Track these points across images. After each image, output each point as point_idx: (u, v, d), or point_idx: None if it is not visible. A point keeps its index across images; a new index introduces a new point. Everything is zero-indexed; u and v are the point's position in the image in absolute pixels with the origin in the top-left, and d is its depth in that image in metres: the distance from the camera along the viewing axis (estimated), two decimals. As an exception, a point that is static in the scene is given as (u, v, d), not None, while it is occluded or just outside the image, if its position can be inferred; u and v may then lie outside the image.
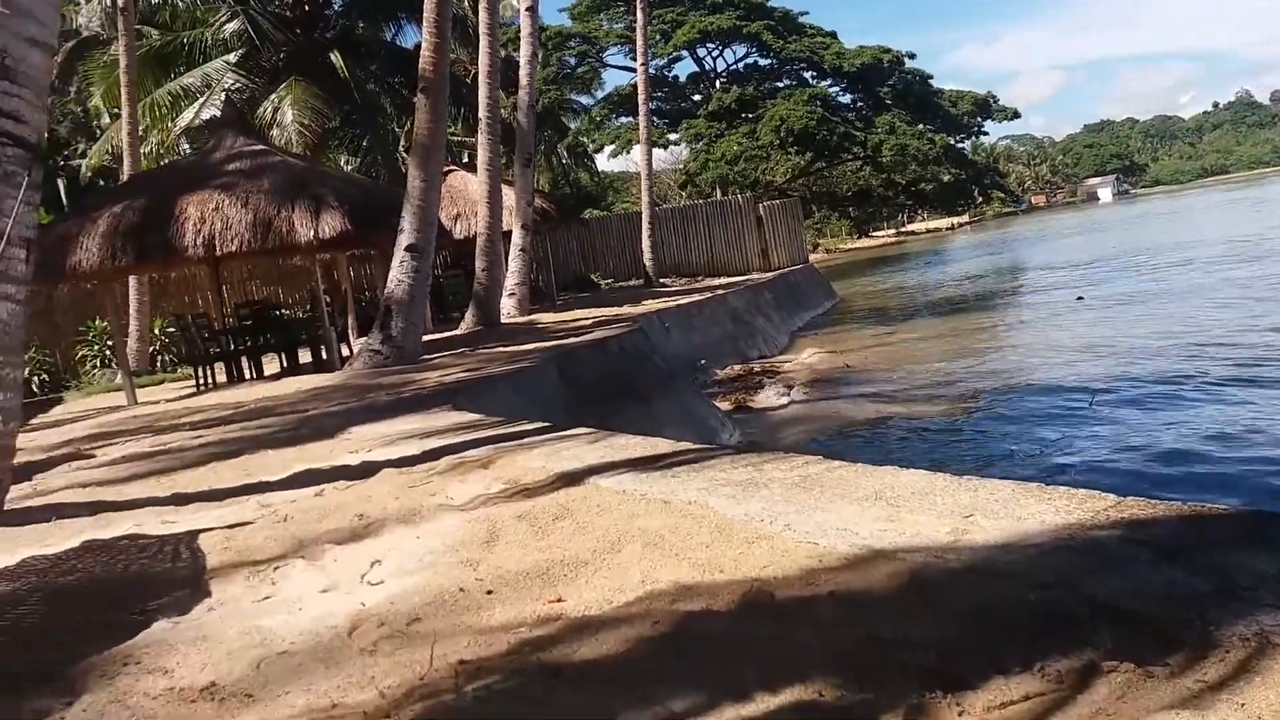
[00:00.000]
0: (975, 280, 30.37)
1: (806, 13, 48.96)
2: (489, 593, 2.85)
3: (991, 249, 49.66)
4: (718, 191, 41.64)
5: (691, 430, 9.29)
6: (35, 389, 15.59)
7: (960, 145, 52.96)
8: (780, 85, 48.04)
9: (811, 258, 30.88)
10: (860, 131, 44.88)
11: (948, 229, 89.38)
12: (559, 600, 2.74)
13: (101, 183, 24.56)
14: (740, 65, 49.56)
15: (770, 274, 24.83)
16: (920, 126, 46.62)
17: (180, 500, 4.78)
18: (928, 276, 35.35)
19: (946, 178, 50.77)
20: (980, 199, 65.30)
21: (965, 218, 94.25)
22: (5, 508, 4.86)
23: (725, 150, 42.86)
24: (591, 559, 3.03)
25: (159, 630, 2.81)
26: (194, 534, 3.97)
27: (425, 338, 12.12)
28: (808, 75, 48.27)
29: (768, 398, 12.01)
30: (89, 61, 24.88)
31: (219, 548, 3.74)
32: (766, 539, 3.00)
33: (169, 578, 3.42)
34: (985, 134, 58.10)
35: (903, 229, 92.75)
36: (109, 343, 16.66)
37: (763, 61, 48.96)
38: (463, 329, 15.41)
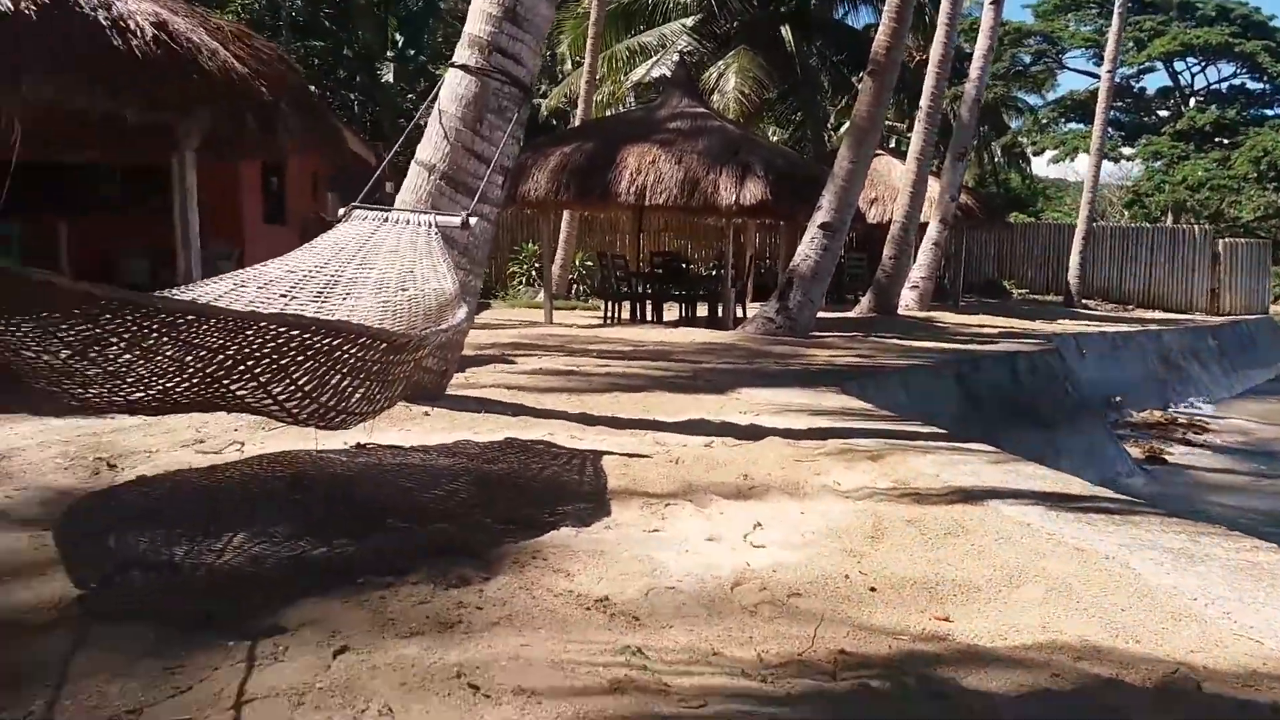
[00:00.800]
0: None
1: (1314, 35, 41.70)
2: (872, 589, 2.76)
3: None
4: (1168, 218, 37.18)
5: (1093, 471, 8.43)
6: (475, 294, 17.80)
7: None
8: (1269, 113, 41.48)
9: (1274, 308, 26.59)
10: (1357, 177, 37.63)
11: None
12: (947, 619, 2.58)
13: (555, 123, 27.18)
14: (1223, 85, 43.37)
15: (1218, 319, 21.81)
16: None
17: (587, 420, 5.18)
18: None
19: None
20: None
21: None
22: (447, 392, 5.58)
23: (1188, 174, 37.97)
24: (985, 587, 2.82)
25: (564, 535, 3.05)
26: (598, 454, 4.28)
27: (819, 315, 12.12)
28: (1306, 105, 41.19)
29: (1190, 455, 10.57)
30: (563, 11, 27.47)
31: (617, 472, 3.99)
32: (1198, 621, 2.60)
33: (575, 489, 3.72)
34: None
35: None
36: (537, 265, 18.60)
37: (1252, 85, 42.39)
38: (857, 312, 15.23)
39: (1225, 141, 39.50)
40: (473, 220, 4.91)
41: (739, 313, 13.27)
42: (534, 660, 2.09)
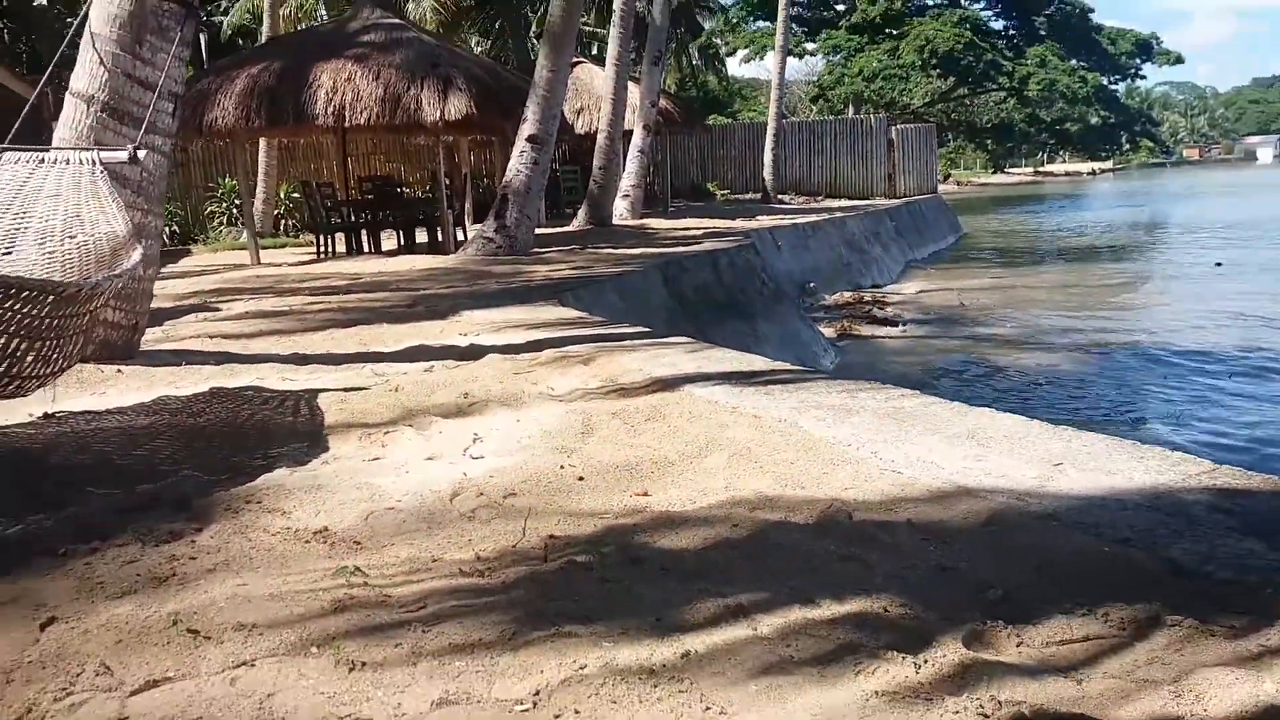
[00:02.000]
0: (1110, 231, 29.00)
1: (967, -71, 46.11)
2: (580, 479, 3.01)
3: (1133, 200, 47.11)
4: (850, 109, 40.33)
5: (791, 352, 9.30)
6: (166, 240, 16.41)
7: (1114, 87, 49.64)
8: (930, 3, 45.69)
9: (941, 188, 29.81)
10: (1009, 61, 42.57)
11: (1088, 173, 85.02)
12: (645, 494, 2.88)
13: (240, 42, 25.19)
14: (890, -25, 47.08)
15: (895, 201, 24.18)
16: (1073, 63, 43.90)
17: (299, 360, 5.08)
18: (1060, 221, 33.87)
19: (1094, 120, 47.91)
20: (1128, 146, 61.52)
21: (1109, 164, 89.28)
22: (141, 349, 5.25)
23: (863, 66, 41.23)
24: (679, 461, 3.15)
25: (279, 476, 3.06)
26: (313, 393, 4.25)
27: (537, 231, 12.30)
28: (961, -7, 45.74)
29: (874, 328, 11.87)
30: (244, -84, 25.25)
31: (334, 408, 3.99)
32: (851, 463, 3.07)
33: (289, 430, 3.69)
34: (1143, 77, 54.01)
35: (1041, 168, 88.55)
36: (237, 202, 17.39)
37: (915, -24, 46.42)
38: (574, 226, 15.56)
39: (895, 33, 43.07)
40: (141, 154, 4.56)
41: (459, 235, 13.19)
42: (252, 597, 2.15)
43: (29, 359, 2.96)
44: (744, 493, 2.82)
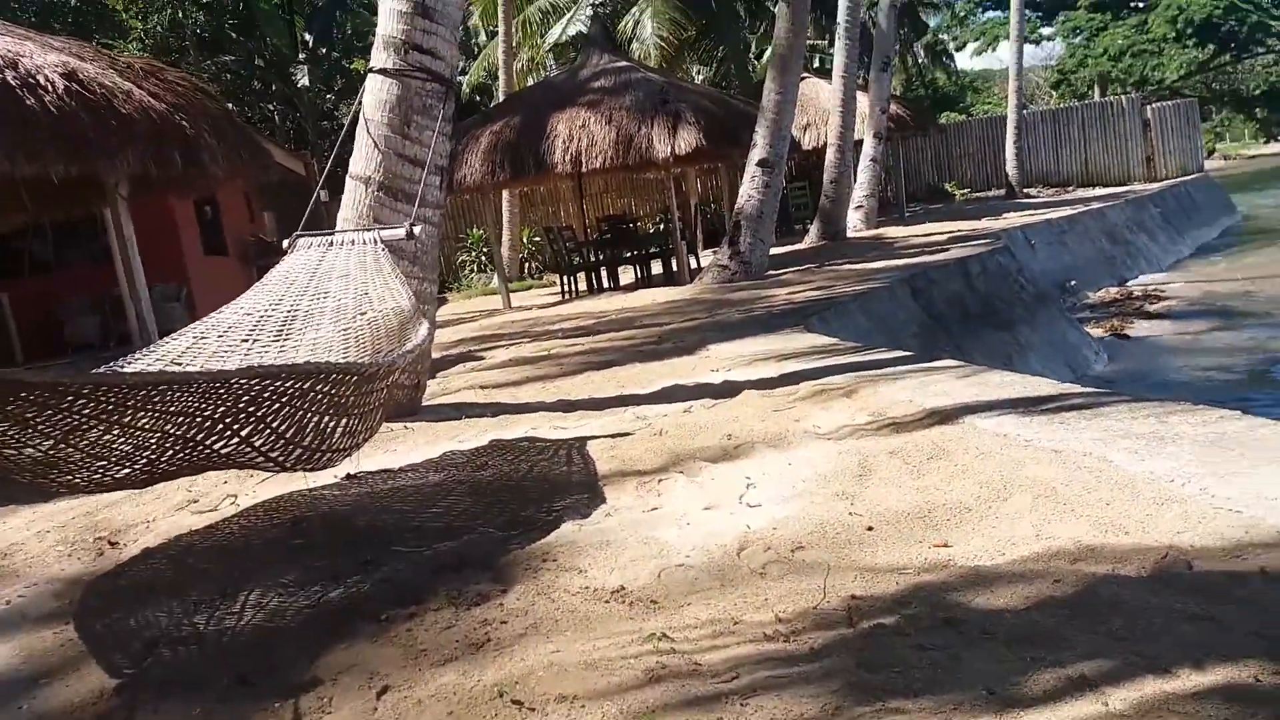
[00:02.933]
0: None
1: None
2: (869, 529, 2.87)
3: None
4: (1095, 92, 37.50)
5: (1060, 359, 8.66)
6: (427, 290, 17.70)
7: None
8: (1181, -30, 41.82)
9: (1207, 165, 27.02)
10: (1276, 20, 38.15)
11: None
12: (945, 545, 2.70)
13: (478, 99, 26.85)
14: (1134, -52, 43.55)
15: (1156, 185, 22.16)
16: (1356, 14, 38.77)
17: (566, 407, 5.24)
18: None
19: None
20: None
21: None
22: (423, 404, 5.61)
23: (1108, 45, 38.26)
24: (975, 505, 2.94)
25: (568, 531, 3.13)
26: (582, 440, 4.35)
27: (771, 251, 12.21)
28: (1217, -42, 41.55)
29: (1148, 324, 10.84)
30: (471, -18, 26.97)
31: (605, 455, 4.06)
32: (1178, 502, 2.74)
33: (567, 480, 3.79)
34: None
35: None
36: (484, 250, 18.51)
37: (1162, -56, 42.68)
38: (807, 243, 15.34)
39: (1141, 5, 39.78)
40: (417, 229, 4.90)
41: (693, 264, 13.33)
42: (568, 665, 2.17)
43: (338, 434, 3.20)
44: (1059, 541, 2.58)
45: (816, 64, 24.18)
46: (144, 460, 3.03)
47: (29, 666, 2.53)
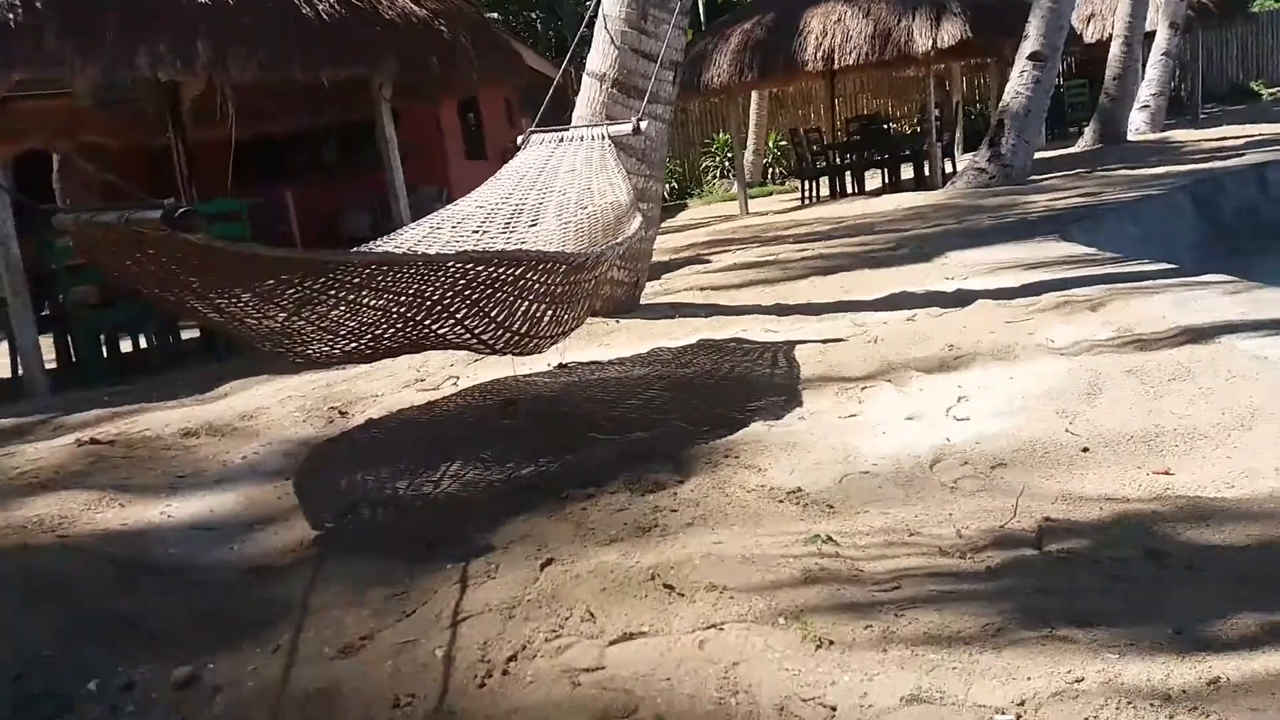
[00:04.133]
0: None
1: None
2: (1084, 450, 2.61)
3: None
4: None
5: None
6: (666, 195, 17.85)
7: None
8: None
9: None
10: None
11: None
12: (1167, 472, 2.41)
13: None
14: None
15: None
16: None
17: (781, 310, 5.12)
18: None
19: None
20: None
21: None
22: (642, 302, 5.68)
23: None
24: (1212, 432, 2.60)
25: (756, 430, 3.08)
26: (791, 344, 4.24)
27: (1037, 155, 11.22)
28: None
29: None
30: None
31: (813, 360, 3.94)
32: None
33: (768, 382, 3.72)
34: None
35: None
36: (729, 155, 18.31)
37: None
38: (1081, 146, 14.00)
39: None
40: (644, 124, 4.87)
41: (949, 168, 12.53)
42: (726, 556, 2.15)
43: (545, 320, 3.30)
44: (1308, 479, 2.23)
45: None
46: (369, 336, 3.27)
47: (248, 514, 2.83)
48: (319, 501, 2.83)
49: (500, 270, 3.09)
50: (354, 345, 3.32)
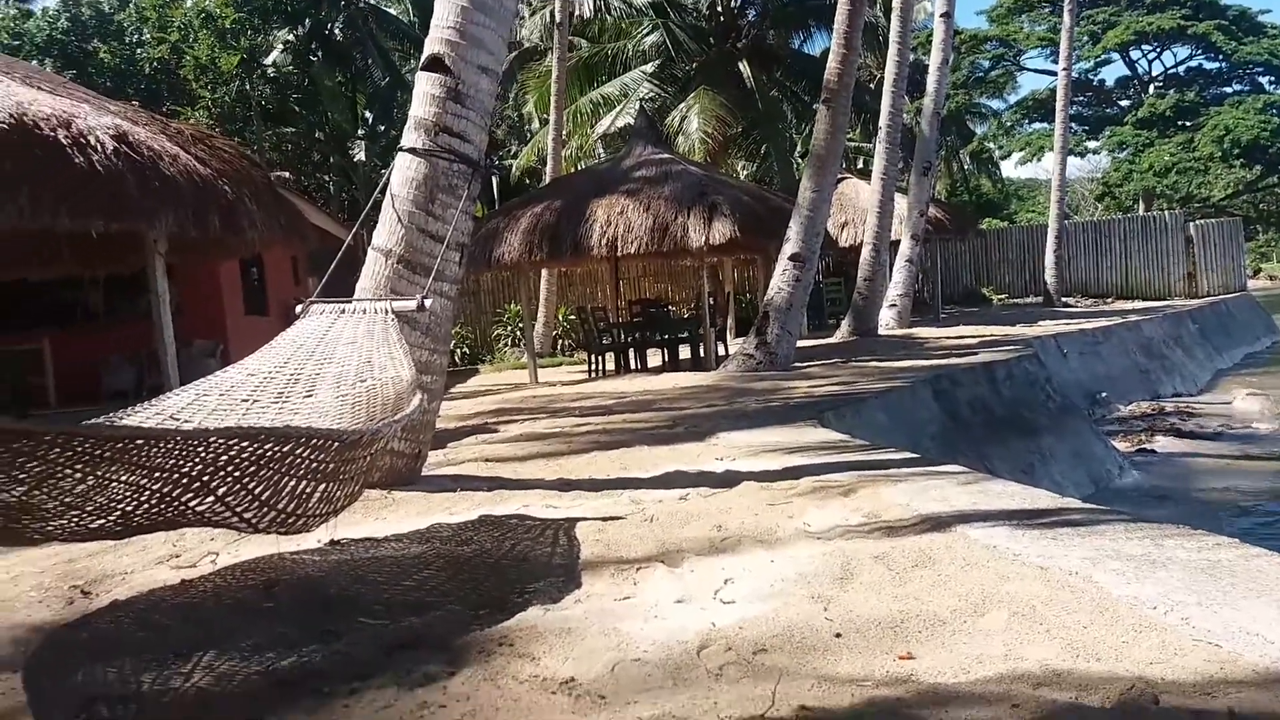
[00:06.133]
0: None
1: (1268, 11, 42.47)
2: (837, 635, 2.78)
3: None
4: (1140, 206, 37.53)
5: (1083, 470, 8.47)
6: (457, 360, 17.93)
7: None
8: (1228, 91, 42.02)
9: (1251, 285, 26.78)
10: (1325, 147, 38.05)
11: None
12: (909, 657, 2.60)
13: (528, 181, 27.49)
14: (1181, 69, 43.91)
15: (1196, 301, 21.95)
16: None
17: (563, 486, 5.20)
18: None
19: None
20: None
21: None
22: (424, 474, 5.60)
23: (1154, 161, 38.33)
24: (950, 619, 2.84)
25: (532, 615, 3.06)
26: (572, 522, 4.30)
27: (799, 343, 12.20)
28: (1264, 80, 41.78)
29: (1179, 443, 10.60)
30: (527, 72, 27.85)
31: (591, 539, 4.00)
32: (1157, 630, 2.62)
33: (547, 562, 3.73)
34: None
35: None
36: (519, 325, 18.74)
37: (1209, 65, 42.94)
38: (837, 337, 15.33)
39: (1188, 124, 39.99)
40: (429, 301, 4.96)
41: (721, 351, 13.35)
42: (494, 755, 2.11)
43: (314, 499, 3.20)
44: (1026, 663, 2.47)
45: (860, 164, 24.50)
46: (119, 513, 3.04)
47: (-35, 715, 2.50)
48: (51, 700, 2.53)
49: (267, 447, 3.00)
50: (100, 522, 3.07)
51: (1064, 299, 22.56)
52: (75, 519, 3.00)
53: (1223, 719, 2.14)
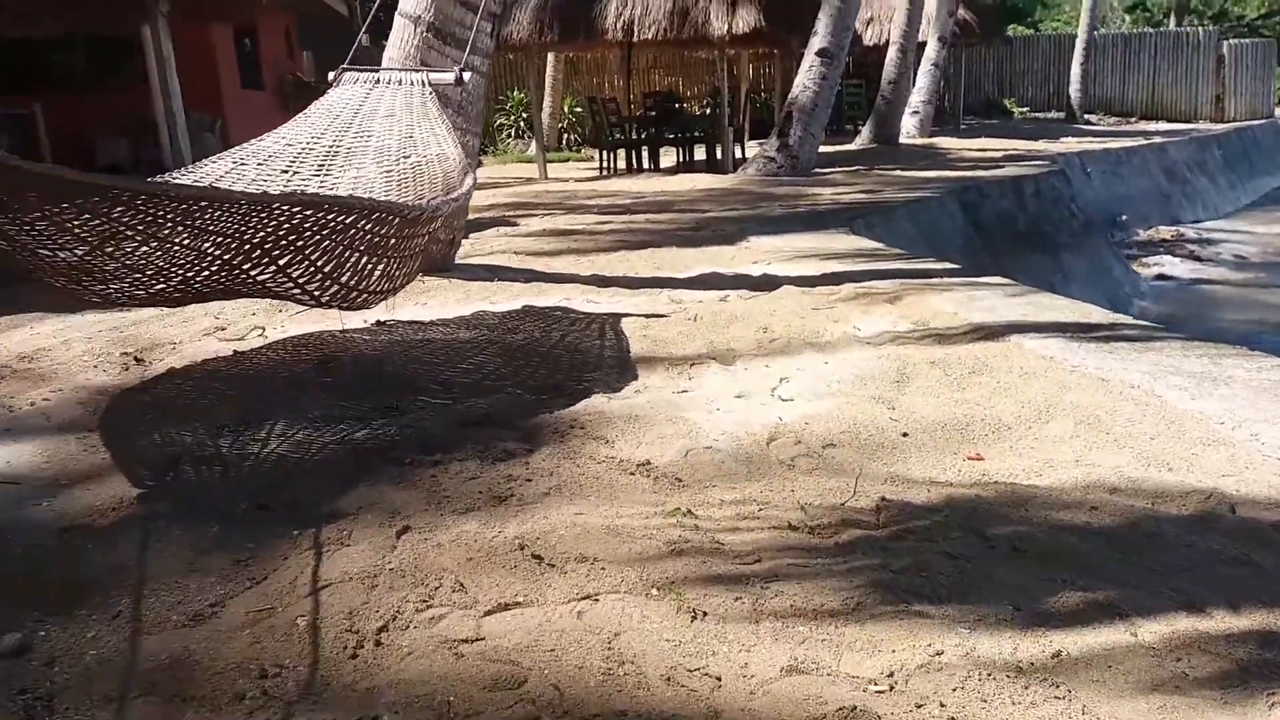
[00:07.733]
0: None
1: None
2: (904, 435, 2.82)
3: None
4: (1171, 20, 35.86)
5: (1100, 293, 8.47)
6: (466, 151, 17.39)
7: None
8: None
9: (1278, 112, 26.02)
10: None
11: None
12: (979, 458, 2.65)
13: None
14: None
15: (1223, 126, 21.37)
16: None
17: (600, 282, 5.15)
18: None
19: None
20: None
21: None
22: (455, 261, 5.53)
23: (1193, -28, 36.26)
24: (1015, 424, 2.87)
25: (597, 402, 3.09)
26: (617, 317, 4.28)
27: (819, 149, 11.88)
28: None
29: (1196, 268, 10.58)
30: None
31: (638, 334, 4.00)
32: (1226, 445, 2.67)
33: (599, 353, 3.74)
34: None
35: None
36: (524, 115, 18.10)
37: None
38: (858, 144, 14.93)
39: (1228, -67, 37.55)
40: (466, 76, 4.72)
41: (738, 153, 13.00)
42: (590, 528, 2.16)
43: (375, 274, 3.14)
44: (1100, 470, 2.52)
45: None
46: (179, 278, 2.97)
47: (52, 468, 2.53)
48: (133, 457, 2.57)
49: (331, 217, 2.91)
50: (160, 286, 3.01)
51: (1087, 115, 21.89)
52: (135, 281, 2.93)
53: (1300, 530, 2.19)
